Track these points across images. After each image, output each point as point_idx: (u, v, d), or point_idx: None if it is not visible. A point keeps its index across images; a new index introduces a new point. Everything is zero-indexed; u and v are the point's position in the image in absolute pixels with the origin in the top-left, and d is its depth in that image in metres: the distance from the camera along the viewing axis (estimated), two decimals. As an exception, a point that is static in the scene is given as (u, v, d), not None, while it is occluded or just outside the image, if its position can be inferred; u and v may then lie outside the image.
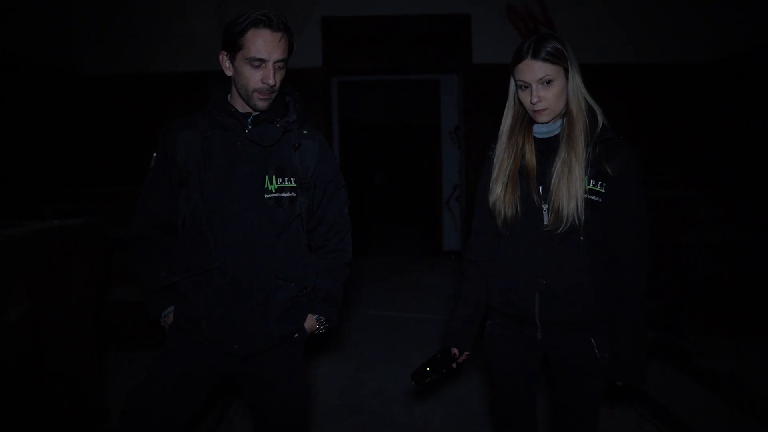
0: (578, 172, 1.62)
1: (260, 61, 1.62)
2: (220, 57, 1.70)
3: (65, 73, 5.22)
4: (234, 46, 1.63)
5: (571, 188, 1.62)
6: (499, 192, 1.74)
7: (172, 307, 1.83)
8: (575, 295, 1.69)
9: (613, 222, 1.68)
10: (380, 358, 4.15)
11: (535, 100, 1.62)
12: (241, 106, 1.75)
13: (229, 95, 1.78)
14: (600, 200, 1.64)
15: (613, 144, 1.67)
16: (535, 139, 1.73)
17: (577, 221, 1.63)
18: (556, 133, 1.70)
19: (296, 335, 1.85)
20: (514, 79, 1.69)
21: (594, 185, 1.64)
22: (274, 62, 1.64)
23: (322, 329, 1.94)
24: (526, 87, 1.64)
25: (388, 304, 5.75)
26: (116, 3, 5.63)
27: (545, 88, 1.62)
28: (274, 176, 1.73)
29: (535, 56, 1.60)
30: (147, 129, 5.65)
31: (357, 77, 7.81)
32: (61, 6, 5.28)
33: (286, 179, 1.75)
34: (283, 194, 1.74)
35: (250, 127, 1.73)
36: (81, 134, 5.41)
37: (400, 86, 8.16)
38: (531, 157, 1.72)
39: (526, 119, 1.75)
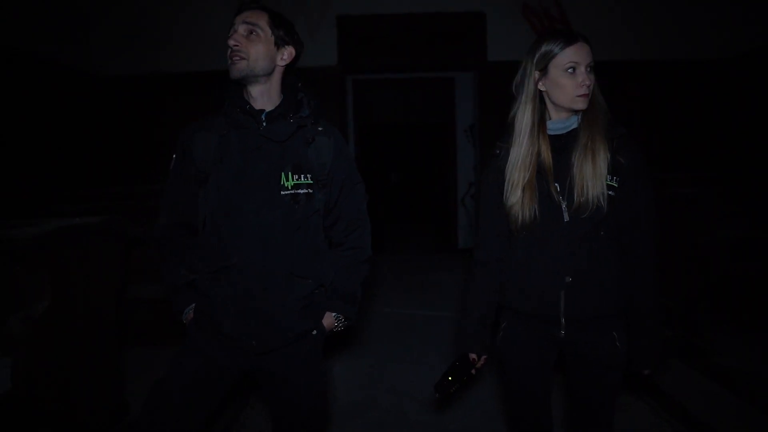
0: (603, 154, 1.64)
1: (232, 29, 1.73)
2: None
3: (81, 73, 5.29)
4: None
5: (596, 170, 1.63)
6: (519, 195, 1.72)
7: (194, 305, 1.86)
8: (599, 291, 1.71)
9: (624, 216, 1.70)
10: (395, 355, 4.17)
11: (588, 82, 1.64)
12: (256, 103, 1.78)
13: (245, 93, 1.81)
14: (614, 195, 1.67)
15: (624, 139, 1.70)
16: (549, 136, 1.73)
17: (603, 203, 1.63)
18: (572, 127, 1.71)
19: (314, 332, 1.86)
20: (553, 66, 1.67)
21: (610, 180, 1.66)
22: (241, 24, 1.72)
23: (340, 327, 1.95)
24: (574, 70, 1.64)
25: (403, 301, 5.76)
26: (131, 4, 5.70)
27: (590, 74, 1.65)
28: (290, 173, 1.75)
29: (585, 40, 1.65)
30: (163, 128, 5.72)
31: (372, 75, 7.82)
32: (80, 9, 5.36)
33: (302, 176, 1.77)
34: (300, 191, 1.76)
35: (264, 124, 1.76)
36: (98, 134, 5.50)
37: (414, 84, 8.15)
38: (547, 155, 1.72)
39: (539, 116, 1.75)
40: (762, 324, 3.67)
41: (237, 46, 1.71)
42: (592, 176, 1.63)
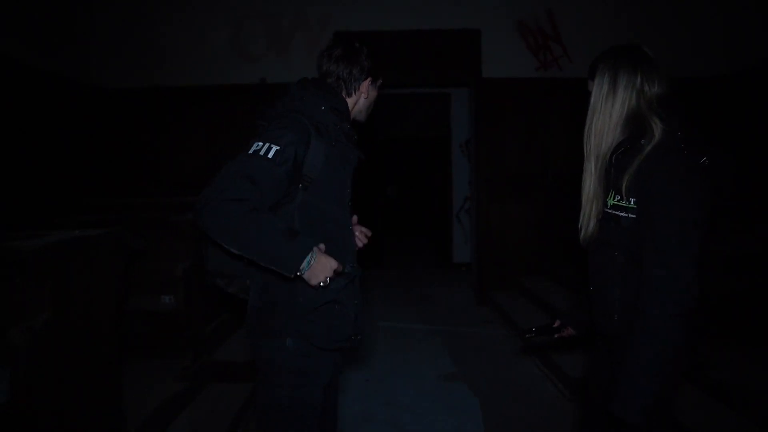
0: (588, 183, 1.69)
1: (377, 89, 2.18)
2: (366, 83, 2.10)
3: (82, 85, 5.33)
4: (376, 77, 2.14)
5: (586, 191, 1.70)
6: None
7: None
8: (605, 307, 1.68)
9: (641, 239, 1.53)
10: (391, 368, 4.19)
11: None
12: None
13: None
14: (628, 216, 1.55)
15: (630, 154, 1.54)
16: None
17: (588, 236, 1.70)
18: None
19: None
20: None
21: (618, 200, 1.57)
22: None
23: None
24: None
25: (399, 315, 5.79)
26: (133, 17, 5.77)
27: None
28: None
29: None
30: (162, 141, 5.77)
31: (369, 90, 7.89)
32: (82, 22, 5.42)
33: None
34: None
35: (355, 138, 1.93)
36: (98, 146, 5.52)
37: (411, 99, 8.25)
38: None
39: None
40: (757, 338, 3.69)
41: None
42: (586, 210, 1.69)
